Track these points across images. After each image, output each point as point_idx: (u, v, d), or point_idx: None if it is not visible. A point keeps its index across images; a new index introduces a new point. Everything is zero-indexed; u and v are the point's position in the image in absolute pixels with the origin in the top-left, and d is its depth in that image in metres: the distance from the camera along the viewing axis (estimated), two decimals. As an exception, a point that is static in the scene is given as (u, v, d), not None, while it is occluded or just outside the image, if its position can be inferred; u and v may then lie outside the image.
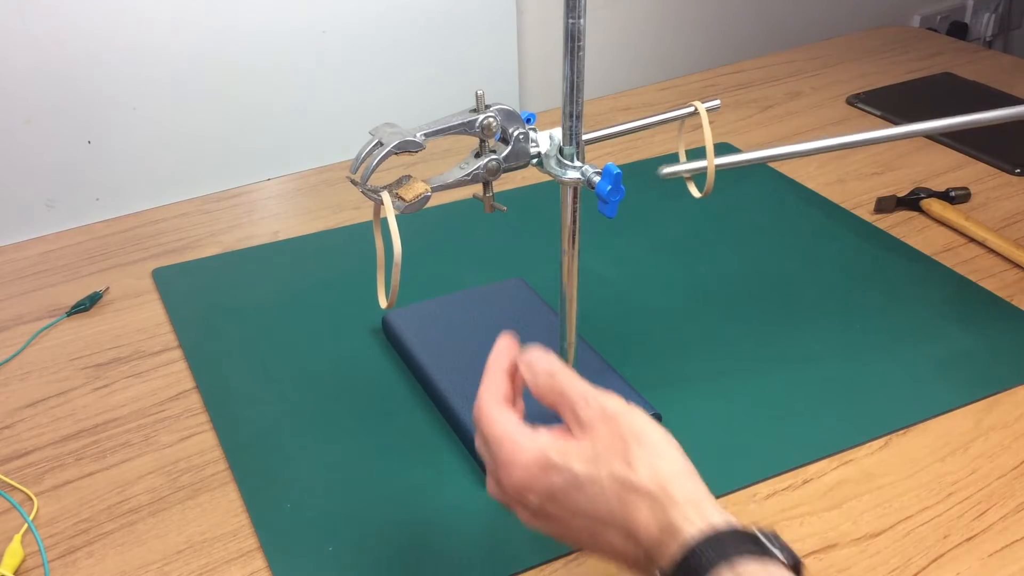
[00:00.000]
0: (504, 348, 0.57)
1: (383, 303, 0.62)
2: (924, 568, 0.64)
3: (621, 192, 0.60)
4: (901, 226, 1.03)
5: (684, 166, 0.74)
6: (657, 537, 0.48)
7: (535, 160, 0.64)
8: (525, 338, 0.58)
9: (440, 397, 0.77)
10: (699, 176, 0.72)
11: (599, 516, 0.50)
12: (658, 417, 0.74)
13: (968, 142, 1.18)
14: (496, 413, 0.54)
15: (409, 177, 0.61)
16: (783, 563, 0.47)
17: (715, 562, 0.45)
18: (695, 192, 0.72)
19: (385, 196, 0.59)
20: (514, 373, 0.56)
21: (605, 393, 0.53)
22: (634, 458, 0.50)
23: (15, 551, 0.66)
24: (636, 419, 0.51)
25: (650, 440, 0.51)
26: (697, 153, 0.72)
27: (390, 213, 0.59)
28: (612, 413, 0.51)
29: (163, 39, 1.07)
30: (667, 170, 0.74)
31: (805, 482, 0.71)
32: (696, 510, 0.48)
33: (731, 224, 1.04)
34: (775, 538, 0.48)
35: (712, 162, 0.70)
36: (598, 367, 0.79)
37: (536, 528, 0.54)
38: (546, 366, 0.54)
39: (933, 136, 1.21)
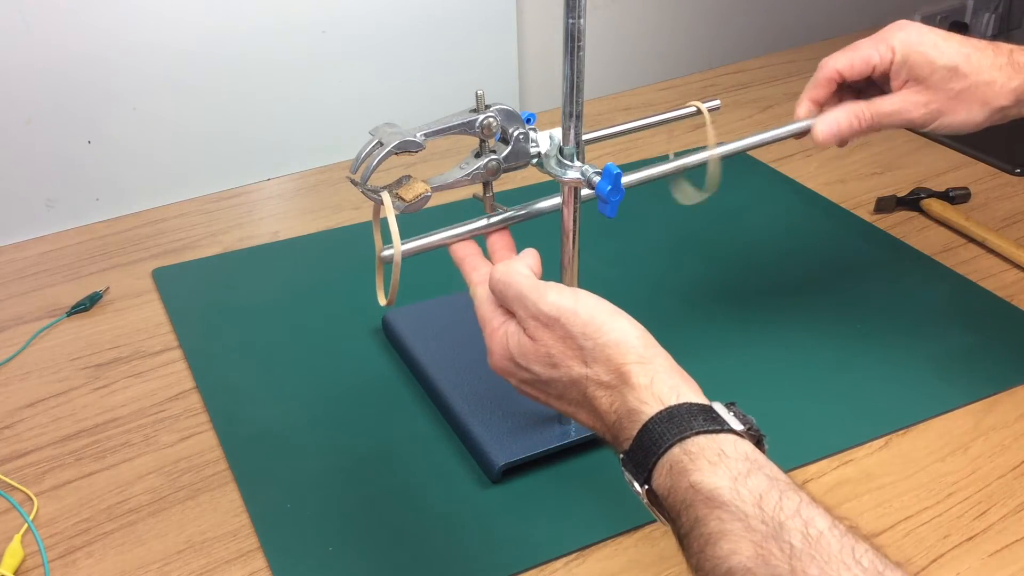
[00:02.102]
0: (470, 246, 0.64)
1: (382, 301, 0.62)
2: (924, 568, 0.64)
3: (621, 192, 0.60)
4: (901, 226, 1.03)
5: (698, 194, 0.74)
6: (618, 421, 0.52)
7: (535, 160, 0.64)
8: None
9: (440, 397, 0.77)
10: (693, 177, 0.72)
11: (569, 399, 0.55)
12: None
13: (968, 142, 1.18)
14: (481, 291, 0.60)
15: (409, 177, 0.61)
16: (738, 433, 0.48)
17: (667, 439, 0.48)
18: (689, 198, 0.72)
19: (385, 196, 0.59)
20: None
21: (541, 292, 0.55)
22: (587, 357, 0.53)
23: (15, 551, 0.66)
24: (579, 314, 0.53)
25: (596, 327, 0.53)
26: (697, 153, 0.72)
27: (390, 213, 0.59)
28: (552, 318, 0.54)
29: (163, 39, 1.07)
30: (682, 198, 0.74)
31: (805, 482, 0.71)
32: (650, 392, 0.50)
33: (731, 224, 1.04)
34: (734, 410, 0.50)
35: (717, 164, 0.70)
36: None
37: (528, 395, 0.59)
38: (502, 276, 0.58)
39: (933, 136, 1.21)
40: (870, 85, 0.77)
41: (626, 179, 0.62)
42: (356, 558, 0.66)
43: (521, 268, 0.58)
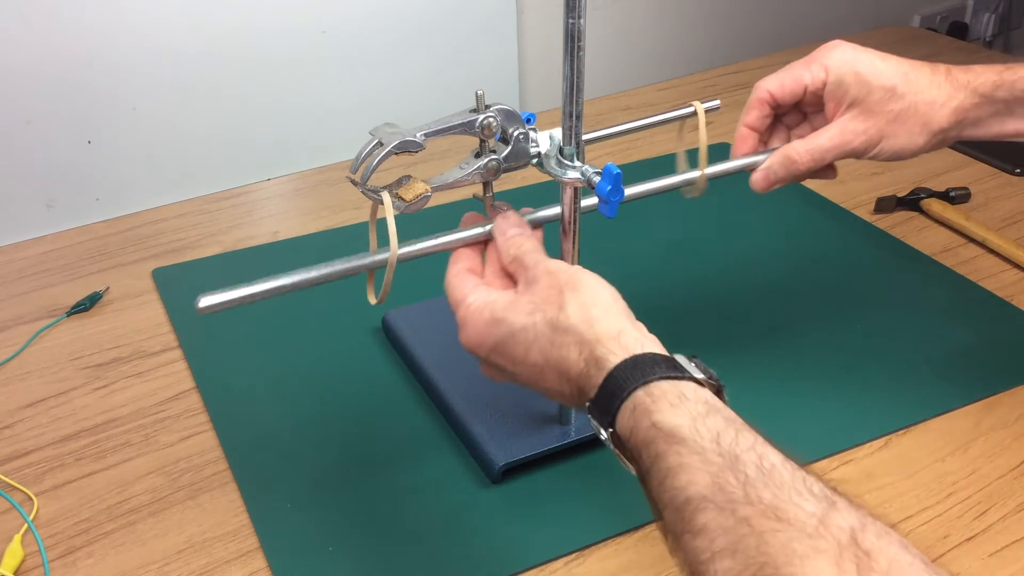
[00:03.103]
0: (472, 223, 0.64)
1: (372, 299, 0.63)
2: (924, 568, 0.64)
3: (621, 192, 0.60)
4: (901, 226, 1.03)
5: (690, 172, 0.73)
6: (585, 371, 0.53)
7: (535, 160, 0.64)
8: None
9: (440, 397, 0.77)
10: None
11: (535, 362, 0.56)
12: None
13: (968, 142, 1.18)
14: (456, 281, 0.61)
15: (409, 177, 0.61)
16: (698, 381, 0.51)
17: (631, 383, 0.50)
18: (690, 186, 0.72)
19: (385, 196, 0.59)
20: (480, 248, 0.64)
21: (555, 259, 0.59)
22: (566, 302, 0.55)
23: (15, 551, 0.66)
24: (574, 272, 0.57)
25: (583, 286, 0.56)
26: (700, 153, 0.72)
27: (389, 213, 0.59)
28: (554, 269, 0.57)
29: (163, 39, 1.07)
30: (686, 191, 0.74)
31: (805, 482, 0.71)
32: (618, 342, 0.53)
33: (731, 224, 1.04)
34: (696, 362, 0.53)
35: (704, 167, 0.70)
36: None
37: (494, 377, 0.61)
38: (514, 251, 0.60)
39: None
40: (816, 111, 0.74)
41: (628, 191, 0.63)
42: (356, 558, 0.66)
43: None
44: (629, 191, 0.68)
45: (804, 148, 0.71)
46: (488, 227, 0.63)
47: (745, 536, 0.42)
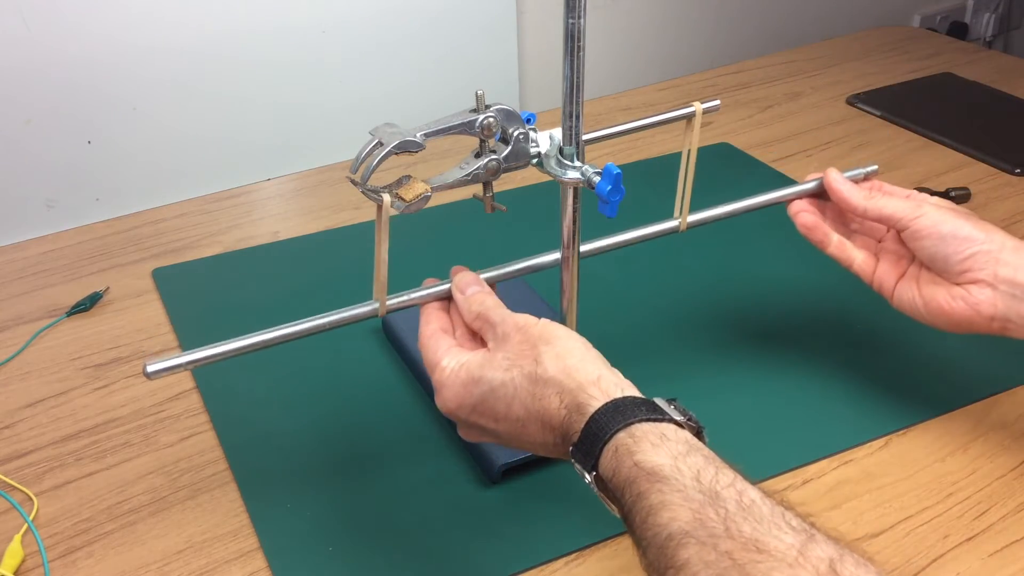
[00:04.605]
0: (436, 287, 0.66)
1: (380, 311, 0.64)
2: (924, 568, 0.64)
3: (621, 192, 0.60)
4: (901, 226, 1.03)
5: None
6: (568, 418, 0.54)
7: (535, 160, 0.64)
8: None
9: (440, 397, 0.77)
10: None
11: (517, 416, 0.56)
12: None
13: (968, 142, 1.18)
14: (431, 343, 0.62)
15: (409, 177, 0.61)
16: (678, 423, 0.52)
17: (613, 426, 0.51)
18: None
19: (385, 196, 0.59)
20: (448, 306, 0.65)
21: (521, 313, 0.60)
22: (541, 355, 0.56)
23: (15, 551, 0.66)
24: (544, 325, 0.58)
25: (556, 338, 0.57)
26: (703, 152, 0.72)
27: (386, 214, 0.59)
28: (523, 324, 0.59)
29: (163, 39, 1.07)
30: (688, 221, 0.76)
31: (805, 482, 0.71)
32: (598, 387, 0.54)
33: (731, 224, 1.03)
34: (675, 405, 0.54)
35: (689, 185, 0.70)
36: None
37: (474, 439, 0.62)
38: (476, 308, 0.62)
39: (933, 136, 1.21)
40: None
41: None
42: (356, 558, 0.66)
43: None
44: (619, 238, 0.72)
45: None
46: (447, 285, 0.65)
47: (727, 569, 0.43)
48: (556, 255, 0.69)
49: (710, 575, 0.43)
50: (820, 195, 0.76)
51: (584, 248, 0.71)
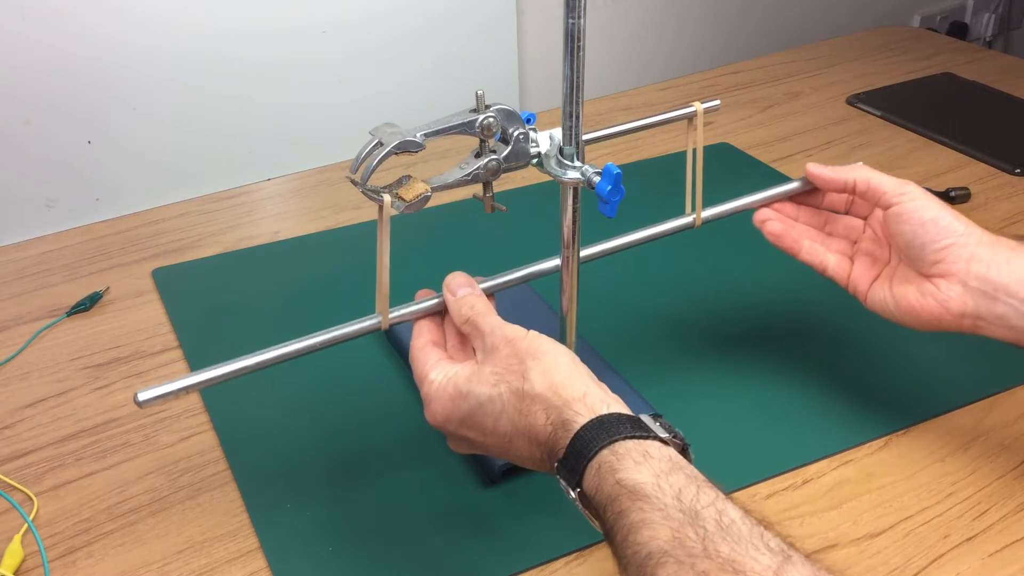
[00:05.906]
0: (428, 296, 0.66)
1: (383, 324, 0.64)
2: (924, 568, 0.64)
3: (621, 192, 0.60)
4: (901, 226, 1.03)
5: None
6: (553, 434, 0.54)
7: (535, 160, 0.64)
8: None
9: (440, 397, 0.77)
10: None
11: (504, 431, 0.57)
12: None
13: (968, 142, 1.18)
14: (421, 355, 0.62)
15: (409, 177, 0.61)
16: (663, 440, 0.52)
17: (597, 443, 0.52)
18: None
19: (385, 196, 0.59)
20: (441, 317, 0.65)
21: (510, 324, 0.60)
22: (528, 371, 0.56)
23: (15, 551, 0.66)
24: (532, 339, 0.58)
25: (544, 353, 0.57)
26: (708, 150, 0.72)
27: (387, 217, 0.59)
28: (511, 336, 0.58)
29: (163, 39, 1.07)
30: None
31: (805, 482, 0.71)
32: (584, 404, 0.54)
33: (731, 224, 1.04)
34: (661, 421, 0.54)
35: (700, 182, 0.70)
36: (598, 367, 0.78)
37: (463, 451, 0.63)
38: (467, 312, 0.62)
39: (933, 136, 1.21)
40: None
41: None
42: (356, 558, 0.66)
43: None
44: (625, 240, 0.72)
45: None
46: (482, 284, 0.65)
47: None
48: (556, 262, 0.69)
49: None
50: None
51: (595, 249, 0.70)
